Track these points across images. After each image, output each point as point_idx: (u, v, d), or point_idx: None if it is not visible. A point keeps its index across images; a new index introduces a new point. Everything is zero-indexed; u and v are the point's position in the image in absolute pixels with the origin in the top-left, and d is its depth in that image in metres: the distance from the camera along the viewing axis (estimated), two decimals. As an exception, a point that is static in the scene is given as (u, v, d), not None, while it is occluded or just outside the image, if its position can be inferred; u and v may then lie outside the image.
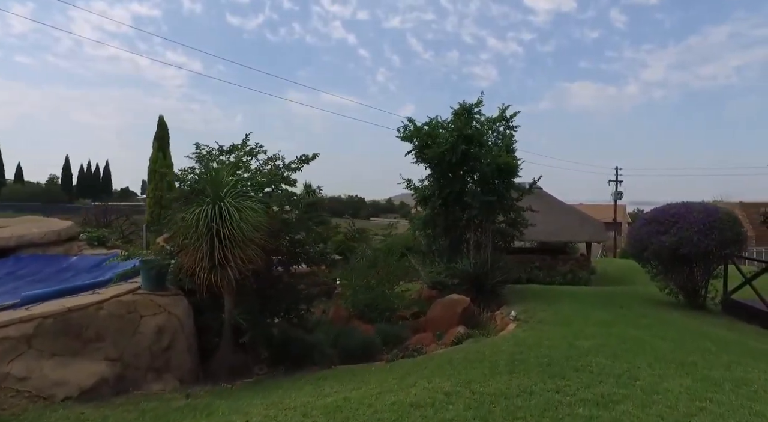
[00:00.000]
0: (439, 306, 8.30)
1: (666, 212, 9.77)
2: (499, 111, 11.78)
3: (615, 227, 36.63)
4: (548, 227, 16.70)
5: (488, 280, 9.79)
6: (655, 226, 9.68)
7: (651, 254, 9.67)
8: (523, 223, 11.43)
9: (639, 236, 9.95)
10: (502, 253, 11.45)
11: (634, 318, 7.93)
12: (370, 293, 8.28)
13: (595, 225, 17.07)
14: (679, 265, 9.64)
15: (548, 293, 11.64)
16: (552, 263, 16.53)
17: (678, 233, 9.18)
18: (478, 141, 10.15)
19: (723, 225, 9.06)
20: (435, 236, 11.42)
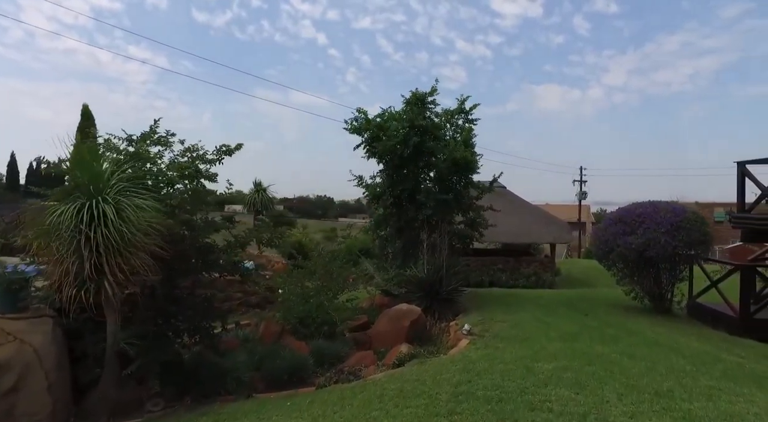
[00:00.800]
0: (385, 319, 7.38)
1: (632, 211, 9.19)
2: (458, 103, 11.00)
3: (579, 227, 36.82)
4: (512, 228, 16.11)
5: (443, 287, 8.94)
6: (621, 226, 9.08)
7: (617, 257, 9.06)
8: (483, 223, 10.68)
9: (605, 238, 9.34)
10: (460, 256, 10.65)
11: (599, 328, 7.25)
12: (306, 304, 7.26)
13: (560, 226, 16.62)
14: (646, 268, 9.07)
15: (510, 298, 10.95)
16: (516, 265, 15.95)
17: (645, 234, 8.60)
18: (432, 134, 9.30)
19: (690, 225, 8.54)
20: (388, 237, 10.51)
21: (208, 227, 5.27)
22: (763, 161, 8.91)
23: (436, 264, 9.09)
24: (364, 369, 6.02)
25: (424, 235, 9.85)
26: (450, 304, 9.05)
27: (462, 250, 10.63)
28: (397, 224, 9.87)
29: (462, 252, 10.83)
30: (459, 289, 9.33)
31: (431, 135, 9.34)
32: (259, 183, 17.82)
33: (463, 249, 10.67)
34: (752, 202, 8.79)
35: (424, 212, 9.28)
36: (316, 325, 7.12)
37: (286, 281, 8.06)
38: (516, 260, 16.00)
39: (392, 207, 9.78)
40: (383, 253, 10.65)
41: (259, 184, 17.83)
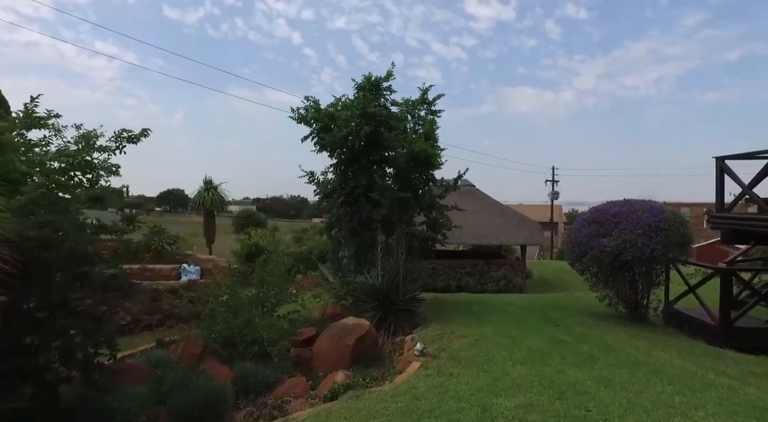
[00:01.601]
0: (327, 336, 6.38)
1: (607, 211, 8.45)
2: (420, 92, 10.10)
3: (552, 227, 36.63)
4: (480, 229, 15.34)
5: (400, 295, 8.00)
6: (595, 227, 8.33)
7: (591, 260, 8.31)
8: (447, 224, 9.79)
9: (577, 239, 8.58)
10: (422, 259, 9.74)
11: (572, 343, 6.44)
12: (233, 319, 6.17)
13: (531, 226, 15.97)
14: (621, 272, 8.36)
15: (476, 305, 10.11)
16: (485, 268, 15.19)
17: (621, 236, 7.87)
18: (388, 124, 8.33)
19: (669, 226, 7.85)
20: (342, 240, 9.50)
21: (78, 231, 4.13)
22: (743, 156, 8.31)
23: (392, 270, 8.13)
24: (293, 400, 5.00)
25: (381, 237, 8.89)
26: (408, 315, 8.12)
27: (423, 253, 9.70)
28: (350, 224, 8.88)
29: (424, 255, 9.91)
30: (418, 298, 8.40)
31: (387, 125, 8.38)
32: (209, 181, 16.39)
33: (425, 252, 9.75)
34: (731, 201, 8.16)
35: (379, 212, 8.32)
36: (245, 345, 6.05)
37: (213, 291, 6.93)
38: (485, 263, 15.25)
39: (344, 206, 8.78)
40: (336, 257, 9.63)
41: (209, 182, 16.39)
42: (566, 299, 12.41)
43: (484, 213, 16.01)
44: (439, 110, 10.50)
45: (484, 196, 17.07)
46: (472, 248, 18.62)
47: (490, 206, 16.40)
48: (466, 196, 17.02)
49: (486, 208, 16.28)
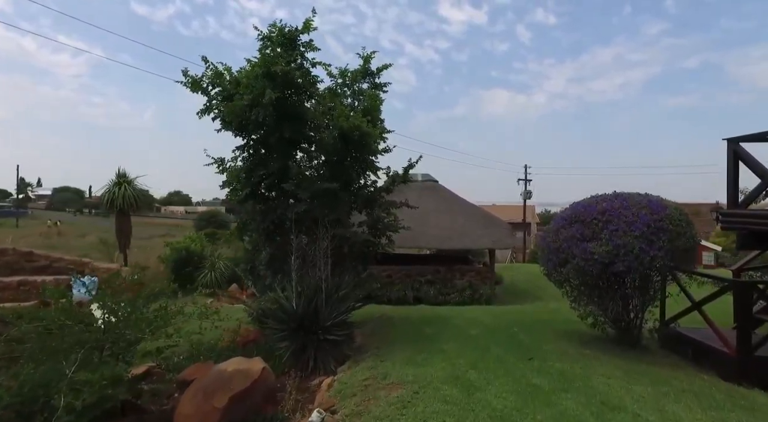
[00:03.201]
0: (192, 393, 4.33)
1: (592, 207, 6.69)
2: (362, 60, 8.17)
3: (524, 227, 35.36)
4: (443, 231, 13.50)
5: (321, 321, 6.02)
6: (579, 228, 6.55)
7: (573, 271, 6.52)
8: (393, 225, 7.85)
9: (555, 244, 6.80)
10: (359, 270, 7.78)
11: (552, 393, 4.61)
12: (31, 375, 4.00)
13: (501, 227, 14.25)
14: (612, 286, 6.61)
15: (430, 326, 8.25)
16: (448, 275, 13.38)
17: (612, 239, 6.12)
18: (306, 90, 6.33)
19: (674, 227, 6.13)
20: (257, 245, 7.46)
21: None
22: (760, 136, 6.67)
23: (311, 286, 6.13)
24: None
25: (303, 240, 6.89)
26: (333, 346, 6.13)
27: (362, 261, 7.75)
28: (262, 225, 6.83)
29: (362, 264, 7.96)
30: (348, 321, 6.43)
31: (306, 93, 6.37)
32: (122, 174, 13.78)
33: (363, 260, 7.80)
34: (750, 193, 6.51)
35: (296, 208, 6.30)
36: (50, 410, 3.90)
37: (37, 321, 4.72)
38: (448, 270, 13.43)
39: (254, 202, 6.73)
40: (248, 267, 7.58)
41: (123, 175, 13.79)
42: (541, 313, 10.67)
43: (447, 212, 14.20)
44: (384, 84, 8.61)
45: (447, 193, 15.26)
46: (436, 253, 16.81)
47: (455, 205, 14.61)
48: (427, 192, 15.19)
49: (449, 207, 14.48)
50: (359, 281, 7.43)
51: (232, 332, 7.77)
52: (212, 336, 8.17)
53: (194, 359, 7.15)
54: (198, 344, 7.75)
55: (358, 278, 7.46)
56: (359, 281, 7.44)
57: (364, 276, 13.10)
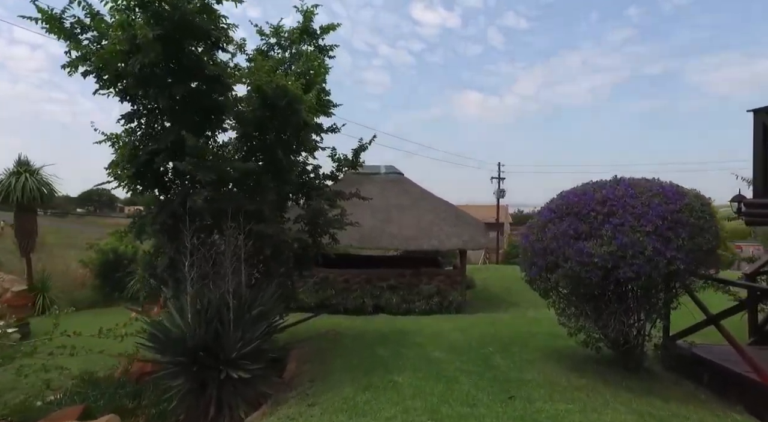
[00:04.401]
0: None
1: (589, 196, 5.28)
2: (302, 16, 6.62)
3: (497, 227, 34.32)
4: (408, 230, 11.99)
5: (226, 350, 4.39)
6: (571, 223, 5.13)
7: (564, 278, 5.10)
8: (337, 221, 6.28)
9: (541, 244, 5.37)
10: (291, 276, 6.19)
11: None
12: None
13: (473, 226, 12.86)
14: (614, 297, 5.21)
15: (385, 347, 6.78)
16: (413, 280, 11.90)
17: (617, 236, 4.70)
18: (206, 35, 4.67)
19: (696, 220, 4.77)
20: (158, 246, 5.77)
21: None
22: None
23: (213, 302, 4.49)
24: None
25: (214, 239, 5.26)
26: (245, 384, 4.50)
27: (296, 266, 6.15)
28: (160, 219, 5.15)
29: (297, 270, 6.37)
30: (267, 349, 4.83)
31: (210, 41, 4.72)
32: (24, 162, 11.64)
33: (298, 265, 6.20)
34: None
35: (196, 196, 4.65)
36: None
37: None
38: (413, 274, 11.94)
39: (141, 185, 5.04)
40: (146, 275, 5.91)
41: (25, 163, 11.64)
42: (519, 324, 9.26)
43: (413, 209, 12.72)
44: (330, 46, 7.09)
45: (414, 187, 13.78)
46: (403, 254, 15.32)
47: (422, 200, 13.15)
48: (391, 186, 13.67)
49: (416, 202, 13.00)
50: (288, 293, 5.80)
51: (126, 359, 6.07)
52: (106, 364, 6.47)
53: (66, 401, 5.45)
54: (83, 377, 6.05)
55: (289, 289, 5.84)
56: (289, 292, 5.81)
57: (306, 286, 11.50)
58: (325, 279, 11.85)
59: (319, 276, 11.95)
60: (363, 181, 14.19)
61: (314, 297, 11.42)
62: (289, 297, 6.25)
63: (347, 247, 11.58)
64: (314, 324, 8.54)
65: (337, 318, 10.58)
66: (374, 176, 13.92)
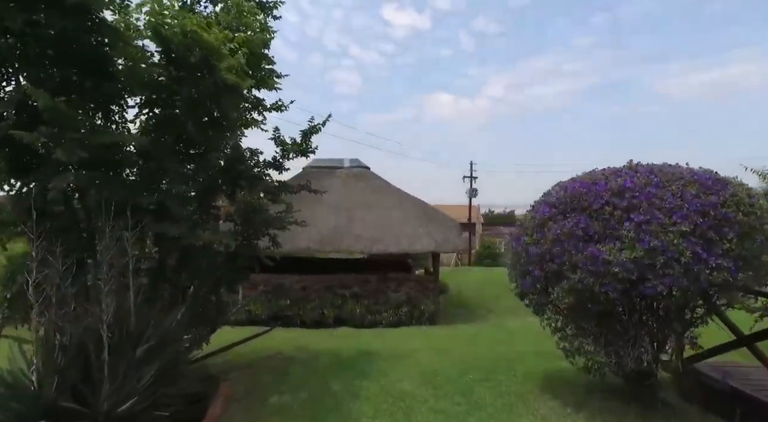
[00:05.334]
0: None
1: (601, 185, 4.12)
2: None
3: (469, 227, 33.42)
4: (375, 231, 10.72)
5: (100, 405, 2.96)
6: (580, 220, 3.94)
7: (572, 292, 3.91)
8: (278, 219, 4.94)
9: (538, 249, 4.17)
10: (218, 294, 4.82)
11: None
12: None
13: (447, 225, 11.67)
14: (634, 316, 4.06)
15: (337, 379, 5.48)
16: (380, 286, 10.64)
17: (643, 237, 3.54)
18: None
19: (746, 217, 3.65)
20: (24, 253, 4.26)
21: None
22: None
23: (75, 336, 3.08)
24: None
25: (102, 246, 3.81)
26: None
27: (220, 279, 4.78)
28: (16, 214, 3.70)
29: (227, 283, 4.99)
30: (155, 400, 3.43)
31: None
32: None
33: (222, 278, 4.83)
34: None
35: (58, 182, 3.23)
36: None
37: None
38: (381, 280, 10.68)
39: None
40: (5, 291, 4.42)
41: None
42: (501, 339, 8.11)
43: (380, 207, 11.45)
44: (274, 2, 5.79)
45: (381, 183, 12.51)
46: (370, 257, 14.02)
47: (390, 197, 11.89)
48: (355, 181, 12.36)
49: (383, 199, 11.73)
50: (214, 313, 4.44)
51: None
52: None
53: None
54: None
55: (213, 308, 4.47)
56: (214, 311, 4.44)
57: (256, 295, 10.08)
58: (279, 287, 10.45)
59: (272, 284, 10.53)
60: (324, 175, 12.85)
61: (266, 308, 10.01)
62: (217, 317, 4.86)
63: (305, 250, 10.22)
64: (259, 344, 7.17)
65: (292, 332, 9.21)
66: (337, 170, 12.58)
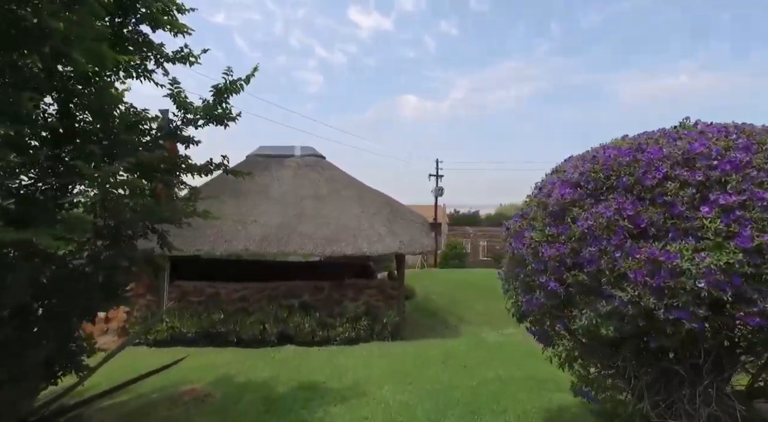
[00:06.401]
0: None
1: (656, 153, 2.65)
2: None
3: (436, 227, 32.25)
4: (329, 230, 9.13)
5: None
6: (623, 204, 2.49)
7: (615, 321, 2.43)
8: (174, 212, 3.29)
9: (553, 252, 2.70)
10: (68, 321, 3.10)
11: None
12: None
13: (414, 223, 10.19)
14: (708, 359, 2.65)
15: None
16: (334, 295, 9.07)
17: (742, 231, 2.07)
18: None
19: None
20: None
21: None
22: None
23: None
24: None
25: None
26: None
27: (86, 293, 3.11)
28: None
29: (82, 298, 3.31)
30: None
31: None
32: None
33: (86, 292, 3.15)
34: None
35: None
36: None
37: None
38: (336, 287, 9.11)
39: None
40: None
41: None
42: (482, 361, 6.67)
43: (335, 202, 9.88)
44: None
45: (337, 174, 10.90)
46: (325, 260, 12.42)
47: (347, 190, 10.31)
48: (307, 172, 10.74)
49: (339, 193, 10.16)
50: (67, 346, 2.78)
51: None
52: None
53: None
54: None
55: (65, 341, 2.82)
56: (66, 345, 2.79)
57: (179, 307, 8.38)
58: (213, 298, 8.73)
59: (205, 293, 8.80)
60: (271, 164, 11.18)
61: (194, 324, 8.26)
62: (72, 353, 3.20)
63: (243, 252, 8.54)
64: (175, 372, 5.50)
65: (222, 355, 7.53)
66: (286, 160, 10.92)
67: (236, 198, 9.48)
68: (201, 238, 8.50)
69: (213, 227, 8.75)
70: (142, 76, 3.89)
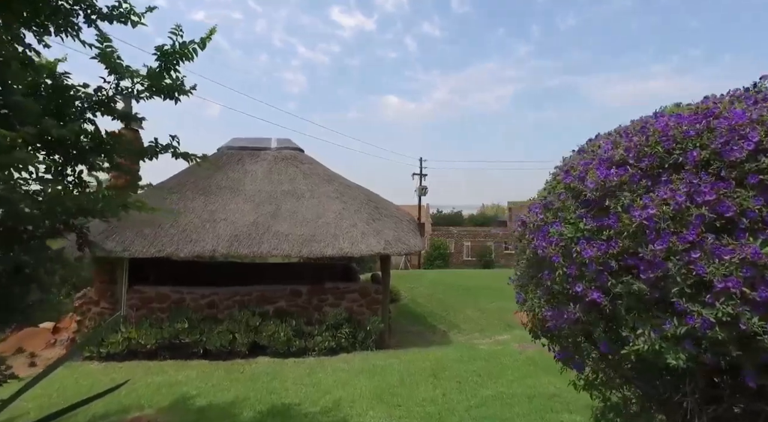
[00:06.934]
0: None
1: (738, 115, 1.93)
2: None
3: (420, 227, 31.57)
4: (307, 228, 8.35)
5: None
6: (697, 187, 1.74)
7: (692, 344, 1.70)
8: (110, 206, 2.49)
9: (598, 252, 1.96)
10: None
11: None
12: None
13: (400, 221, 9.46)
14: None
15: None
16: (313, 300, 8.31)
17: None
18: None
19: None
20: None
21: None
22: None
23: None
24: None
25: None
26: None
27: None
28: None
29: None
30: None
31: None
32: None
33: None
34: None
35: None
36: None
37: None
38: (314, 291, 8.34)
39: None
40: None
41: None
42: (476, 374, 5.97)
43: (314, 198, 9.11)
44: None
45: (316, 167, 10.11)
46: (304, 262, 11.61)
47: (326, 185, 9.53)
48: (284, 166, 9.93)
49: (318, 188, 9.38)
50: None
51: None
52: None
53: None
54: None
55: None
56: None
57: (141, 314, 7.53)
58: (177, 304, 7.88)
59: (170, 299, 7.95)
60: (245, 158, 10.35)
61: (155, 335, 7.39)
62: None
63: (210, 253, 7.70)
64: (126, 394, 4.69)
65: (186, 369, 6.70)
66: (262, 152, 10.09)
67: (204, 195, 8.63)
68: (163, 238, 7.65)
69: (177, 225, 7.91)
70: (64, 32, 3.09)
